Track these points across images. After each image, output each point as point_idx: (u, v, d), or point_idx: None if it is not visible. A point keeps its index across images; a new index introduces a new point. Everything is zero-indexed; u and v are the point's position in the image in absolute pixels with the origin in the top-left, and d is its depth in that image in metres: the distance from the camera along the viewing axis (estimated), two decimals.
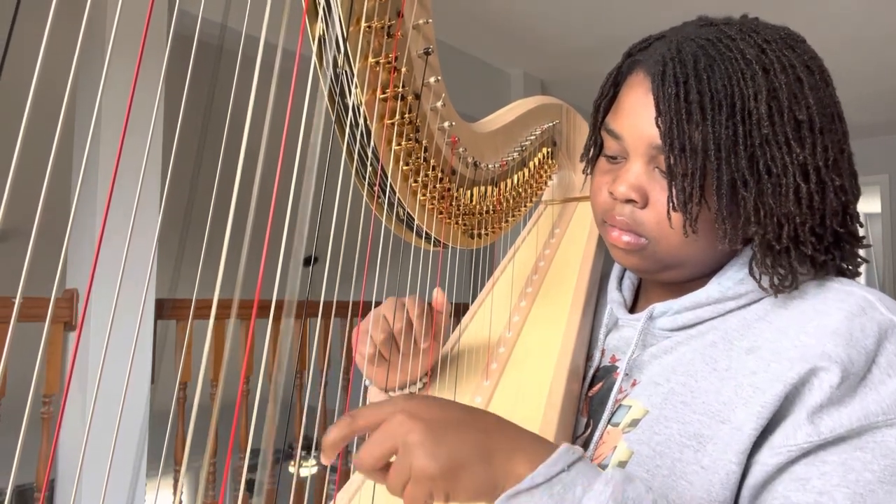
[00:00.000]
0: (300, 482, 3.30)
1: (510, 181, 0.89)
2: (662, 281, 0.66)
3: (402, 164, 0.68)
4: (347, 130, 0.62)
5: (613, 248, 0.64)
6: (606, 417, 0.62)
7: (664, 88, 0.57)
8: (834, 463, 0.50)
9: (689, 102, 0.55)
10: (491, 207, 0.85)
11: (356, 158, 0.64)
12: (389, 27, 0.61)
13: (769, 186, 0.55)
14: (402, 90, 0.64)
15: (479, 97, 3.51)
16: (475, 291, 0.94)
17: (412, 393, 0.50)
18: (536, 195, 0.96)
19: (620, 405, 0.62)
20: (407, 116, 0.65)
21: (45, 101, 0.37)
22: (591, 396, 0.68)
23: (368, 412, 0.47)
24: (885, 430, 0.50)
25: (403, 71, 0.63)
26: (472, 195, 0.80)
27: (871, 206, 5.96)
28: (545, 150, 0.97)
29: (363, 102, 0.61)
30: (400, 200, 0.69)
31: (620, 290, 0.73)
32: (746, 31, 0.58)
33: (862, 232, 0.61)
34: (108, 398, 1.96)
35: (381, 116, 0.64)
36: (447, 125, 0.71)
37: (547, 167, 0.98)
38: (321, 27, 0.57)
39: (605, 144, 0.65)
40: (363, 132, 0.63)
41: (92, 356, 2.10)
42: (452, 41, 3.54)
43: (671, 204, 0.57)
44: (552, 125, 0.97)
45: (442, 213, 0.75)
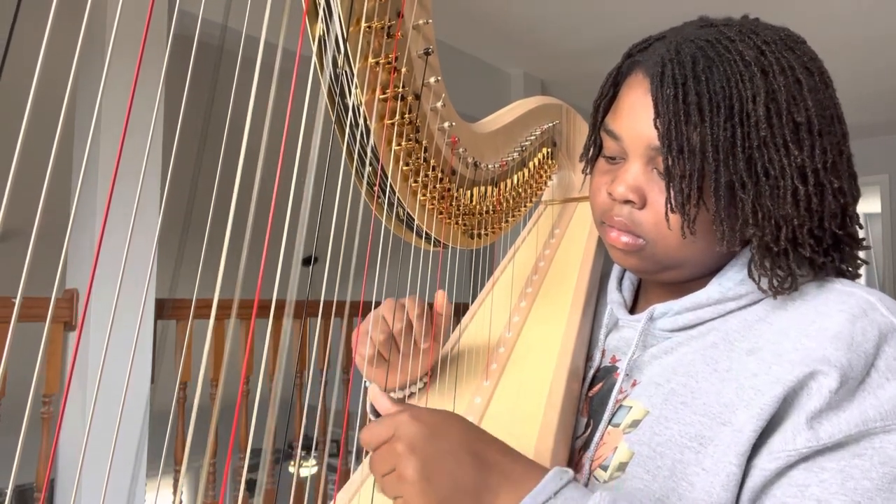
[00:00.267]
0: (300, 482, 3.30)
1: (510, 181, 0.89)
2: (662, 281, 0.66)
3: (402, 164, 0.68)
4: (347, 131, 0.62)
5: (612, 248, 0.64)
6: (607, 418, 0.62)
7: (663, 90, 0.57)
8: (833, 470, 0.50)
9: (687, 104, 0.55)
10: (491, 207, 0.85)
11: (356, 159, 0.64)
12: (389, 27, 0.61)
13: (767, 188, 0.55)
14: (402, 90, 0.64)
15: (479, 97, 3.51)
16: (475, 291, 0.94)
17: (414, 405, 0.52)
18: (536, 195, 0.96)
19: (621, 406, 0.62)
20: (407, 117, 0.65)
21: (45, 101, 0.37)
22: (591, 397, 0.68)
23: (371, 431, 0.50)
24: (882, 436, 0.50)
25: (403, 71, 0.63)
26: (472, 195, 0.80)
27: (871, 206, 5.95)
28: (545, 150, 0.97)
29: (363, 102, 0.61)
30: (400, 200, 0.69)
31: (620, 290, 0.73)
32: (746, 32, 0.58)
33: (862, 234, 0.61)
34: (108, 398, 1.96)
35: (381, 116, 0.64)
36: (447, 125, 0.71)
37: (547, 167, 0.98)
38: (321, 27, 0.57)
39: (604, 145, 0.65)
40: (363, 132, 0.63)
41: (92, 356, 2.10)
42: (452, 41, 3.54)
43: (669, 205, 0.57)
44: (552, 125, 0.97)
45: (442, 213, 0.75)
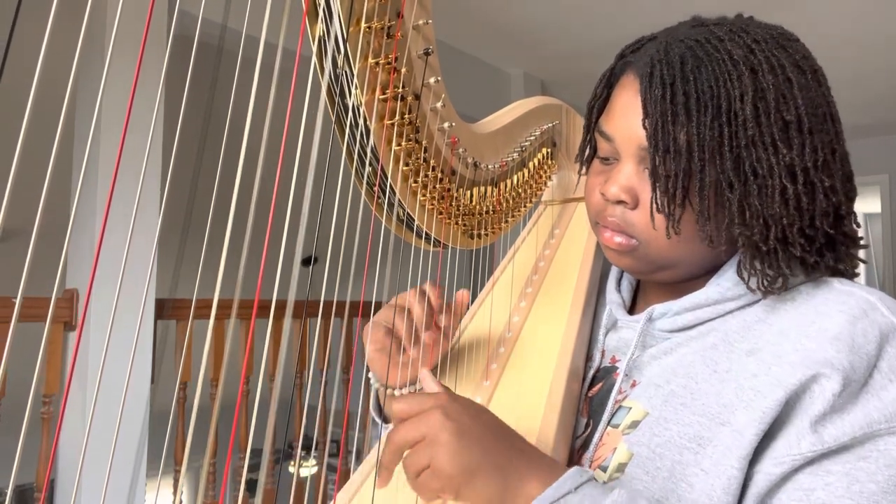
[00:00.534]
0: (300, 482, 3.30)
1: (510, 181, 0.89)
2: (658, 281, 0.66)
3: (401, 164, 0.68)
4: (347, 131, 0.62)
5: (606, 249, 0.65)
6: (606, 418, 0.62)
7: (651, 90, 0.57)
8: (838, 473, 0.49)
9: (674, 104, 0.55)
10: (491, 208, 0.85)
11: (356, 159, 0.64)
12: (389, 28, 0.61)
13: (755, 188, 0.55)
14: (401, 91, 0.64)
15: (479, 97, 3.51)
16: (475, 292, 0.94)
17: (454, 393, 0.53)
18: (536, 195, 0.96)
19: (620, 406, 0.62)
20: (407, 117, 0.65)
21: (45, 101, 0.37)
22: (590, 397, 0.68)
23: (411, 401, 0.51)
24: (887, 437, 0.50)
25: (403, 71, 0.63)
26: (471, 195, 0.80)
27: (871, 206, 5.95)
28: (545, 150, 0.98)
29: (363, 103, 0.61)
30: (400, 201, 0.69)
31: (619, 290, 0.73)
32: (736, 31, 0.58)
33: (859, 233, 0.61)
34: (108, 398, 1.96)
35: (380, 117, 0.64)
36: (447, 126, 0.71)
37: (547, 167, 0.98)
38: (321, 28, 0.57)
39: (598, 146, 0.65)
40: (363, 132, 0.63)
41: (92, 356, 2.10)
42: (452, 42, 3.54)
43: (654, 205, 0.57)
44: (552, 125, 0.97)
45: (442, 213, 0.75)
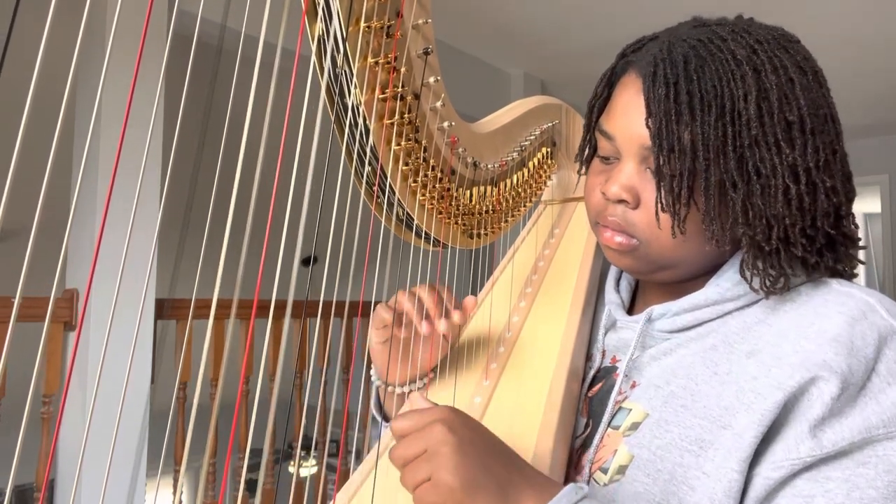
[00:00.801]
0: (300, 482, 3.30)
1: (510, 181, 0.89)
2: (657, 281, 0.66)
3: (401, 164, 0.68)
4: (347, 130, 0.62)
5: (606, 248, 0.64)
6: (606, 420, 0.62)
7: (654, 89, 0.57)
8: (838, 480, 0.49)
9: (678, 103, 0.55)
10: (490, 207, 0.85)
11: (356, 158, 0.64)
12: (389, 27, 0.61)
13: (758, 187, 0.55)
14: (401, 90, 0.64)
15: (479, 97, 3.51)
16: (475, 291, 0.94)
17: (454, 408, 0.53)
18: (536, 195, 0.96)
19: (621, 408, 0.62)
20: (406, 116, 0.65)
21: (44, 99, 0.37)
22: (590, 397, 0.68)
23: (412, 416, 0.50)
24: (886, 443, 0.50)
25: (403, 71, 0.63)
26: (471, 195, 0.80)
27: (871, 206, 5.95)
28: (545, 150, 0.97)
29: (363, 102, 0.61)
30: (399, 200, 0.69)
31: (618, 290, 0.73)
32: (738, 31, 0.58)
33: (859, 233, 0.61)
34: (107, 398, 1.96)
35: (380, 116, 0.64)
36: (447, 125, 0.71)
37: (546, 167, 0.98)
38: (321, 27, 0.57)
39: (598, 145, 0.65)
40: (362, 132, 0.63)
41: (92, 356, 2.10)
42: (452, 41, 3.53)
43: (659, 204, 0.57)
44: (552, 125, 0.97)
45: (441, 212, 0.75)
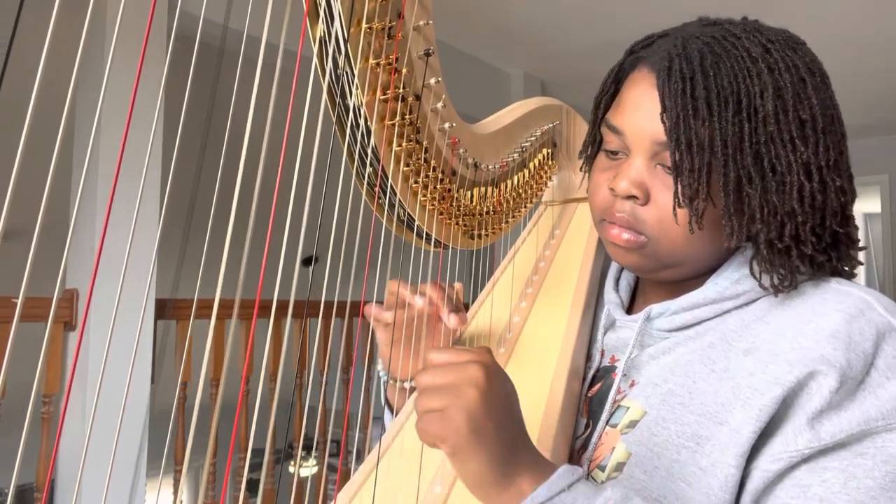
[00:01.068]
0: (300, 482, 3.30)
1: (510, 182, 0.89)
2: (660, 280, 0.66)
3: (402, 164, 0.68)
4: (348, 131, 0.62)
5: (612, 245, 0.64)
6: (605, 418, 0.62)
7: (670, 84, 0.57)
8: (835, 470, 0.50)
9: (695, 98, 0.55)
10: (491, 208, 0.85)
11: (357, 159, 0.64)
12: (390, 28, 0.61)
13: (773, 184, 0.55)
14: (402, 91, 0.64)
15: (479, 98, 3.51)
16: (475, 292, 0.94)
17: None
18: (536, 196, 0.96)
19: (619, 406, 0.62)
20: (407, 117, 0.65)
21: (46, 100, 0.37)
22: (590, 397, 0.68)
23: (451, 351, 0.49)
24: (884, 435, 0.50)
25: (404, 72, 0.63)
26: (472, 196, 0.80)
27: (871, 206, 5.94)
28: (545, 150, 0.98)
29: (364, 103, 0.61)
30: (400, 201, 0.69)
31: (617, 290, 0.73)
32: (750, 30, 0.58)
33: (859, 234, 0.61)
34: (108, 398, 1.95)
35: (381, 117, 0.64)
36: (448, 126, 0.71)
37: (547, 168, 0.98)
38: (322, 28, 0.57)
39: (605, 140, 0.65)
40: (364, 133, 0.63)
41: (93, 356, 2.10)
42: (452, 42, 3.54)
43: (677, 200, 0.57)
44: (552, 126, 0.97)
45: (442, 213, 0.76)
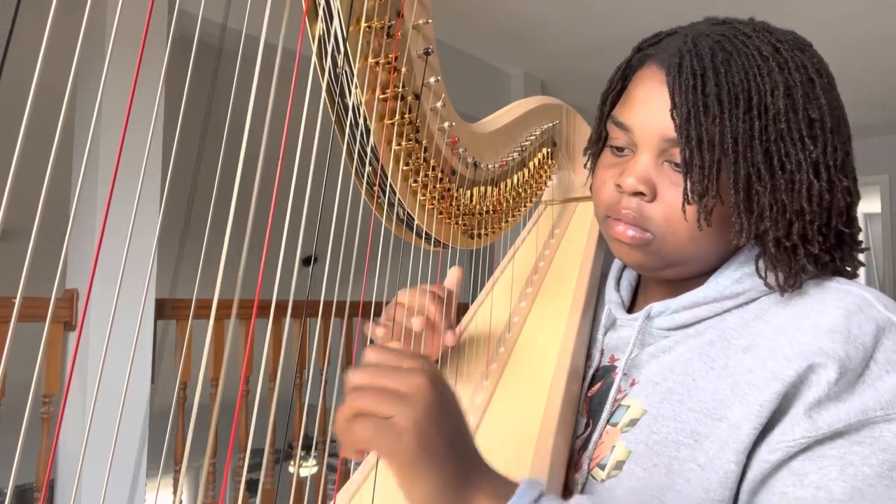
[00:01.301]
0: (300, 482, 3.30)
1: (510, 181, 0.89)
2: (663, 278, 0.66)
3: (402, 164, 0.68)
4: (347, 130, 0.62)
5: (617, 243, 0.63)
6: (605, 417, 0.62)
7: (681, 80, 0.56)
8: (832, 457, 0.50)
9: (706, 95, 0.55)
10: (491, 207, 0.85)
11: (356, 158, 0.64)
12: (389, 27, 0.61)
13: (783, 182, 0.55)
14: (402, 90, 0.64)
15: (479, 97, 3.51)
16: (475, 292, 0.94)
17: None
18: (536, 195, 0.96)
19: (619, 405, 0.62)
20: (407, 116, 0.65)
21: (45, 99, 0.37)
22: (590, 396, 0.68)
23: (395, 354, 0.44)
24: (883, 425, 0.50)
25: (403, 71, 0.63)
26: (471, 195, 0.80)
27: (871, 206, 5.95)
28: (545, 150, 0.97)
29: (363, 102, 0.61)
30: (400, 200, 0.69)
31: (618, 290, 0.73)
32: (760, 30, 0.59)
33: (861, 235, 0.62)
34: (108, 398, 1.95)
35: (381, 116, 0.64)
36: (447, 125, 0.71)
37: (547, 167, 0.98)
38: (321, 27, 0.57)
39: (611, 136, 0.64)
40: (363, 132, 0.63)
41: (92, 356, 2.10)
42: (452, 41, 3.53)
43: (686, 196, 0.57)
44: (552, 125, 0.97)
45: (442, 213, 0.75)
